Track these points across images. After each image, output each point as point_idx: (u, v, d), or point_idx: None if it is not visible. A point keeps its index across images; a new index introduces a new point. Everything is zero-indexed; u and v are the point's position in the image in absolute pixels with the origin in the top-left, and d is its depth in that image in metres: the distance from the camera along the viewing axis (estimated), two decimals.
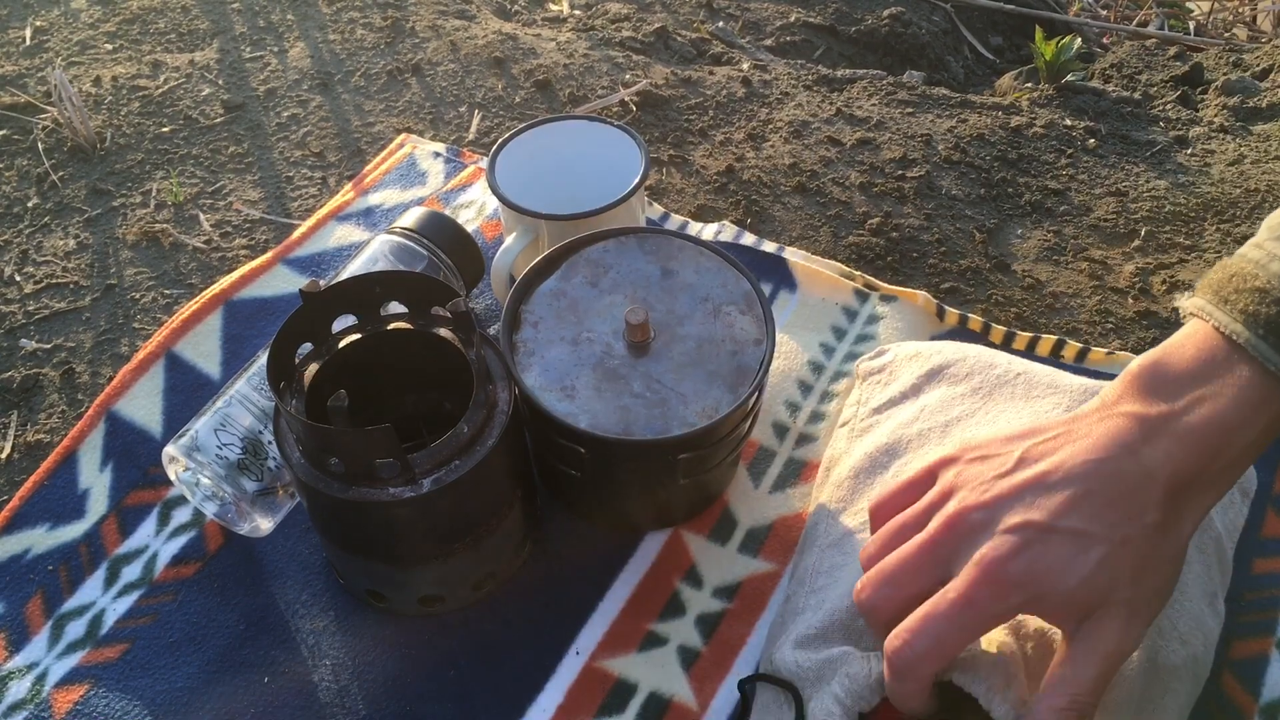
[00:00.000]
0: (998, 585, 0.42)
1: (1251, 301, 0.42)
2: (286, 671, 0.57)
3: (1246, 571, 0.58)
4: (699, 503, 0.62)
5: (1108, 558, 0.41)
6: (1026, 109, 0.97)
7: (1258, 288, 0.42)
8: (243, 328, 0.72)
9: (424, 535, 0.53)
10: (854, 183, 0.87)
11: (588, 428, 0.53)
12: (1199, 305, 0.44)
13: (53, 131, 0.92)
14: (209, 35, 1.04)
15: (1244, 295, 0.42)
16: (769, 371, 0.56)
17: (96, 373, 0.73)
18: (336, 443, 0.49)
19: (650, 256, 0.60)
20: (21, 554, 0.62)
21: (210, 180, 0.88)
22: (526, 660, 0.57)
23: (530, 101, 0.95)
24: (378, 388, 0.56)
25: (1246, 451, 0.42)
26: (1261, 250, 0.43)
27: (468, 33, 1.03)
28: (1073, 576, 0.41)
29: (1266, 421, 0.42)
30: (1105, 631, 0.42)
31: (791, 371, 0.69)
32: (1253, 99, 0.98)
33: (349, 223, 0.80)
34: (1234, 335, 0.42)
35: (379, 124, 0.93)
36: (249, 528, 0.61)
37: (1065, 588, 0.41)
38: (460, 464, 0.50)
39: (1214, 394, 0.42)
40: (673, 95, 0.95)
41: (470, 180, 0.83)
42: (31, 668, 0.57)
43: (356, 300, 0.54)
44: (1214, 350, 0.43)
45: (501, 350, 0.55)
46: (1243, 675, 0.55)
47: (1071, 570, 0.41)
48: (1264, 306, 0.41)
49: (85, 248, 0.82)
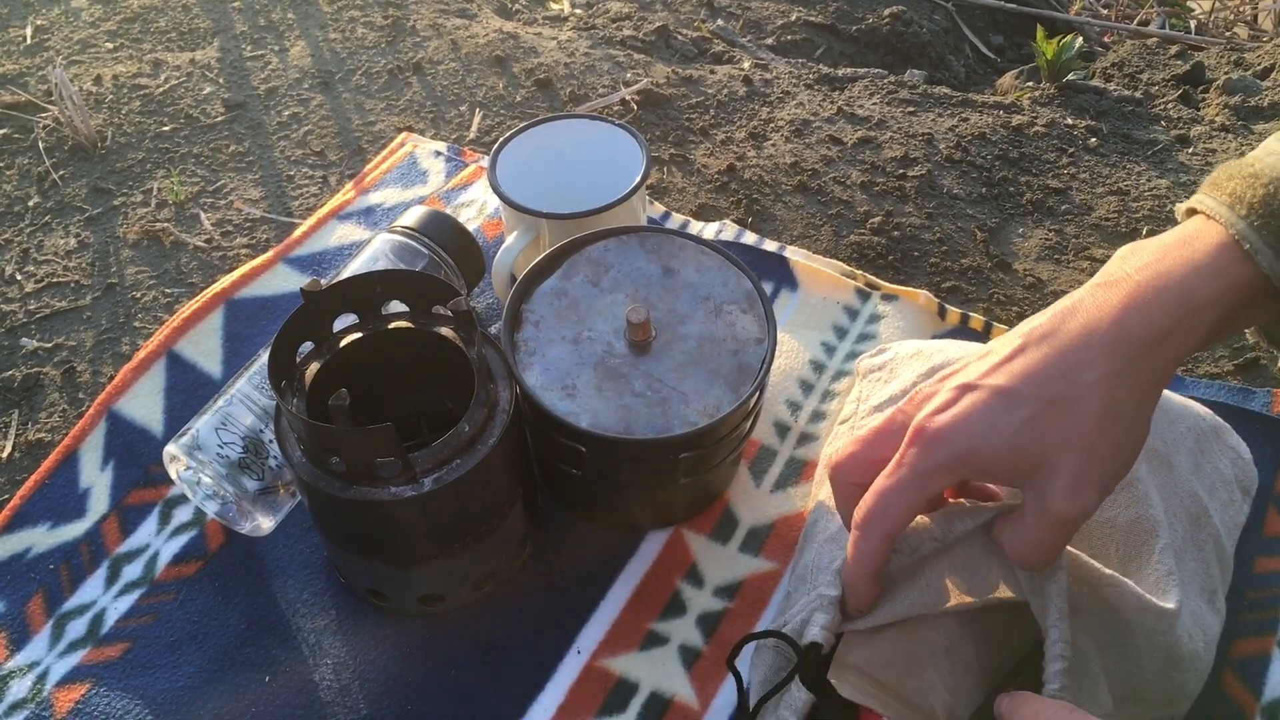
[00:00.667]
0: (924, 442, 0.42)
1: (1241, 186, 0.43)
2: (288, 670, 0.57)
3: (1248, 570, 0.58)
4: (700, 502, 0.62)
5: (1036, 418, 0.40)
6: (1028, 108, 0.97)
7: (1250, 174, 0.43)
8: (244, 327, 0.72)
9: (425, 534, 0.53)
10: (855, 182, 0.87)
11: (589, 427, 0.53)
12: (1198, 199, 0.45)
13: (53, 130, 0.92)
14: (210, 34, 1.04)
15: (1235, 180, 0.43)
16: (770, 370, 0.56)
17: (97, 371, 0.73)
18: (338, 442, 0.49)
19: (651, 255, 0.60)
20: (22, 553, 0.62)
21: (211, 179, 0.88)
22: (527, 659, 0.57)
23: (531, 100, 0.95)
24: (379, 387, 0.56)
25: (1205, 311, 0.41)
26: (1264, 148, 0.44)
27: (469, 31, 1.03)
28: (997, 436, 0.41)
29: (1226, 285, 0.41)
30: (1048, 494, 0.41)
31: (793, 370, 0.69)
32: (1254, 98, 0.98)
33: (350, 222, 0.80)
34: (1215, 215, 0.42)
35: (380, 123, 0.93)
36: (250, 527, 0.61)
37: (991, 446, 0.41)
38: (461, 463, 0.50)
39: (1176, 258, 0.42)
40: (674, 94, 0.95)
41: (471, 179, 0.83)
42: (32, 667, 0.57)
43: (357, 299, 0.54)
44: (1196, 229, 0.43)
45: (503, 349, 0.55)
46: (1244, 674, 0.55)
47: (996, 429, 0.41)
48: (1251, 189, 0.42)
49: (86, 246, 0.82)
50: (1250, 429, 0.64)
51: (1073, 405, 0.40)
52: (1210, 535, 0.55)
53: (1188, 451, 0.56)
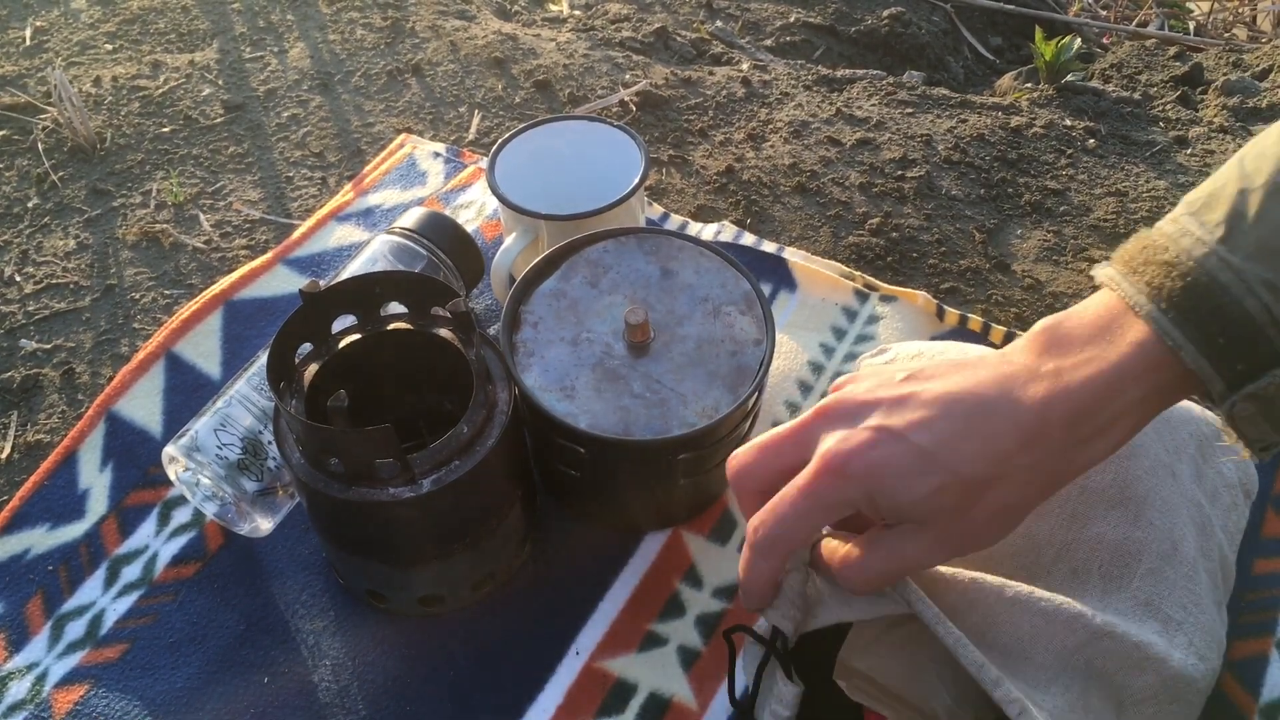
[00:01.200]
0: (837, 476, 0.42)
1: (1158, 275, 0.42)
2: (286, 672, 0.57)
3: (1247, 572, 0.58)
4: (699, 503, 0.62)
5: (945, 488, 0.41)
6: (1026, 109, 0.97)
7: (1166, 261, 0.42)
8: (243, 328, 0.72)
9: (424, 535, 0.53)
10: (854, 183, 0.87)
11: (587, 428, 0.53)
12: (1109, 275, 0.44)
13: (53, 132, 0.92)
14: (209, 35, 1.04)
15: (1152, 267, 0.42)
16: (769, 372, 0.56)
17: (96, 373, 0.73)
18: (336, 443, 0.49)
19: (650, 257, 0.60)
20: (21, 554, 0.62)
21: (210, 180, 0.88)
22: (526, 660, 0.57)
23: (530, 102, 0.95)
24: (378, 388, 0.56)
25: (1128, 412, 0.42)
26: (1176, 225, 0.43)
27: (468, 33, 1.03)
28: (906, 494, 0.41)
29: (1150, 388, 0.42)
30: (911, 544, 0.42)
31: (791, 372, 0.69)
32: (1252, 99, 0.98)
33: (349, 223, 0.80)
34: (1136, 307, 0.42)
35: (379, 124, 0.93)
36: (249, 528, 0.61)
37: (897, 500, 0.42)
38: (460, 464, 0.50)
39: (1102, 355, 0.42)
40: (672, 95, 0.95)
41: (470, 180, 0.83)
42: (31, 668, 0.57)
43: (356, 300, 0.54)
44: (1115, 316, 0.43)
45: (501, 350, 0.55)
46: (1243, 675, 0.55)
47: (907, 487, 0.41)
48: (1169, 280, 0.41)
49: (85, 248, 0.82)
50: None
51: (982, 491, 0.41)
52: (1215, 544, 0.55)
53: (1189, 459, 0.56)
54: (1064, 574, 0.50)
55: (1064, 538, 0.51)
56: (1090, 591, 0.49)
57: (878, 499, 0.42)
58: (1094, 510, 0.51)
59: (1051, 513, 0.52)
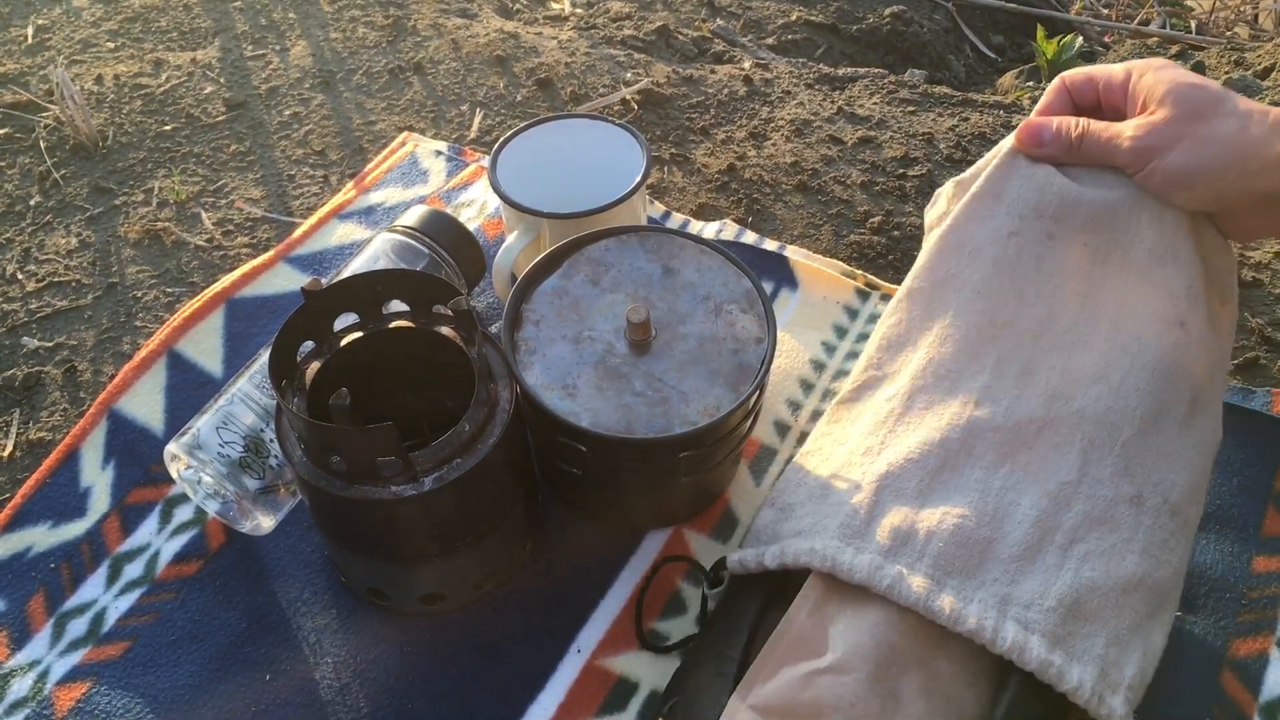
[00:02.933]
0: (1159, 175, 0.52)
1: None
2: (288, 670, 0.57)
3: (1247, 570, 0.58)
4: (700, 501, 0.62)
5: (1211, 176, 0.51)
6: (1028, 108, 0.97)
7: None
8: (245, 326, 0.72)
9: (425, 533, 0.53)
10: (855, 181, 0.87)
11: (589, 426, 0.53)
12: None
13: (55, 130, 0.92)
14: (211, 33, 1.04)
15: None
16: (770, 370, 0.56)
17: (98, 371, 0.74)
18: (338, 441, 0.49)
19: (651, 255, 0.60)
20: (23, 552, 0.62)
21: (212, 178, 0.88)
22: (527, 659, 0.57)
23: (532, 100, 0.95)
24: (379, 386, 0.56)
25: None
26: None
27: (469, 31, 1.03)
28: (1186, 189, 0.51)
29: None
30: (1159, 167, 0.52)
31: (793, 370, 0.69)
32: (1254, 97, 0.98)
33: (350, 221, 0.80)
34: None
35: (380, 122, 0.93)
36: (251, 526, 0.61)
37: (1181, 187, 0.52)
38: (462, 462, 0.50)
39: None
40: (674, 94, 0.95)
41: (472, 179, 0.83)
42: (33, 665, 0.57)
43: (358, 299, 0.55)
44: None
45: (503, 348, 0.55)
46: (1243, 674, 0.55)
47: (1191, 179, 0.51)
48: None
49: (87, 246, 0.82)
50: (1250, 429, 0.64)
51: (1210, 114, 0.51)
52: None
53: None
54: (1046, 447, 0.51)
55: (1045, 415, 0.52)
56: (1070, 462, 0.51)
57: (1168, 183, 0.53)
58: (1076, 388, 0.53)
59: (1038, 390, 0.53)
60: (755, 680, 0.48)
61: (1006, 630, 0.46)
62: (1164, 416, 0.51)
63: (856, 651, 0.47)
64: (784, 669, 0.48)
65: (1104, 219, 0.54)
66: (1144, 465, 0.51)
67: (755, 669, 0.49)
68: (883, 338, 0.59)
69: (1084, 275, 0.54)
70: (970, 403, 0.53)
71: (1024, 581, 0.48)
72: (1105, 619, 0.48)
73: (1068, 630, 0.47)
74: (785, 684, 0.47)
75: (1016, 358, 0.54)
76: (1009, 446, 0.52)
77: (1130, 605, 0.48)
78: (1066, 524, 0.49)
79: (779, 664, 0.48)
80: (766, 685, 0.48)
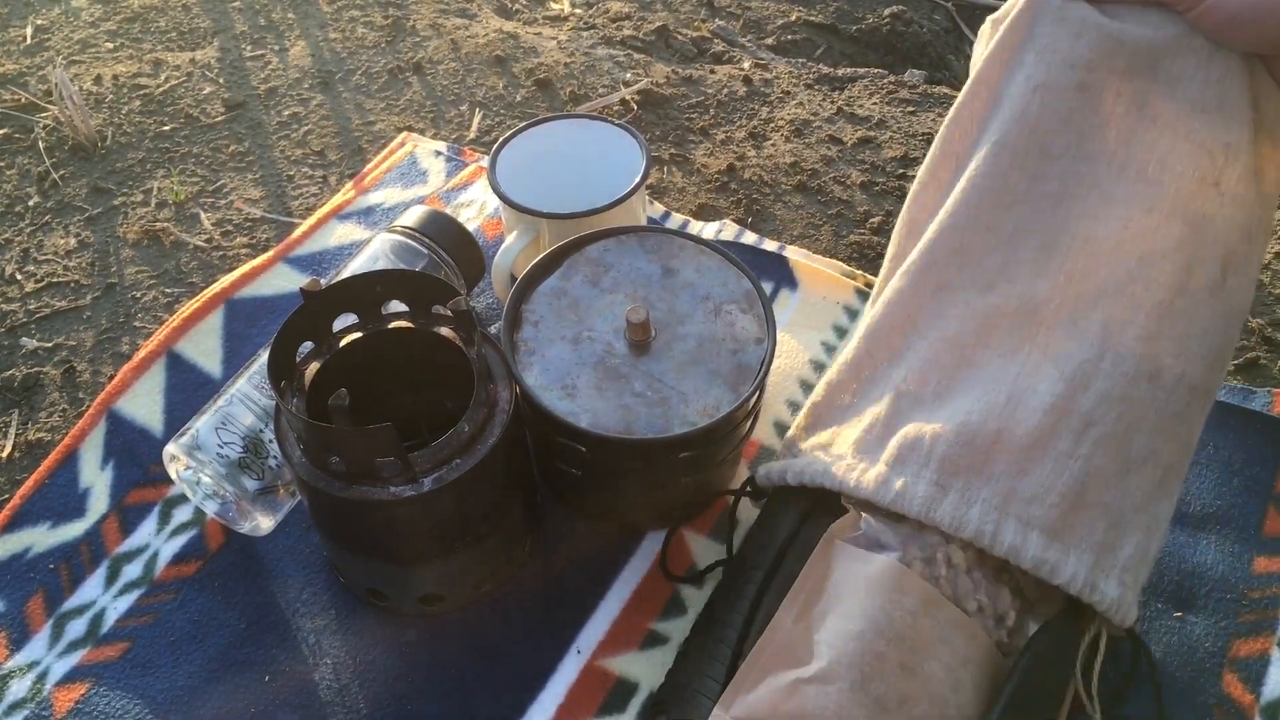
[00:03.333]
0: (1215, 13, 0.47)
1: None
2: (287, 670, 0.57)
3: (1248, 570, 0.58)
4: (700, 502, 0.62)
5: None
6: None
7: None
8: (244, 326, 0.72)
9: (425, 534, 0.53)
10: (855, 182, 0.87)
11: (588, 427, 0.53)
12: None
13: (54, 130, 0.92)
14: (210, 34, 1.04)
15: None
16: (770, 370, 0.56)
17: (97, 371, 0.73)
18: (337, 441, 0.49)
19: (651, 255, 0.60)
20: (22, 552, 0.62)
21: (211, 179, 0.88)
22: (527, 659, 0.57)
23: (531, 100, 0.95)
24: (379, 386, 0.56)
25: None
26: None
27: (468, 31, 1.03)
28: (1243, 29, 0.47)
29: None
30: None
31: (793, 370, 0.69)
32: None
33: (350, 221, 0.80)
34: None
35: (380, 122, 0.93)
36: (250, 526, 0.61)
37: (1239, 26, 0.47)
38: (461, 463, 0.50)
39: None
40: (674, 94, 0.95)
41: (471, 179, 0.83)
42: (32, 666, 0.57)
43: (357, 299, 0.54)
44: None
45: (502, 349, 0.55)
46: (1244, 675, 0.55)
47: (1251, 16, 0.47)
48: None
49: (86, 246, 0.82)
50: (1250, 429, 0.64)
51: None
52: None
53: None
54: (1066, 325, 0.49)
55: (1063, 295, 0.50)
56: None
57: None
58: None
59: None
60: (739, 690, 0.48)
61: (1006, 531, 0.46)
62: (1191, 283, 0.49)
63: (842, 660, 0.46)
64: (768, 678, 0.47)
65: (1143, 64, 0.50)
66: (1168, 335, 0.48)
67: (739, 678, 0.48)
68: (908, 210, 0.57)
69: (1115, 131, 0.50)
70: (987, 286, 0.51)
71: (1032, 472, 0.47)
72: (1108, 503, 0.47)
73: (1068, 521, 0.46)
74: (769, 693, 0.46)
75: (1035, 229, 0.51)
76: (1027, 330, 0.49)
77: (1135, 485, 0.47)
78: (1083, 407, 0.47)
79: (763, 673, 0.47)
80: (750, 695, 0.47)
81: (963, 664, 0.47)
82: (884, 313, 0.54)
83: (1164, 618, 0.57)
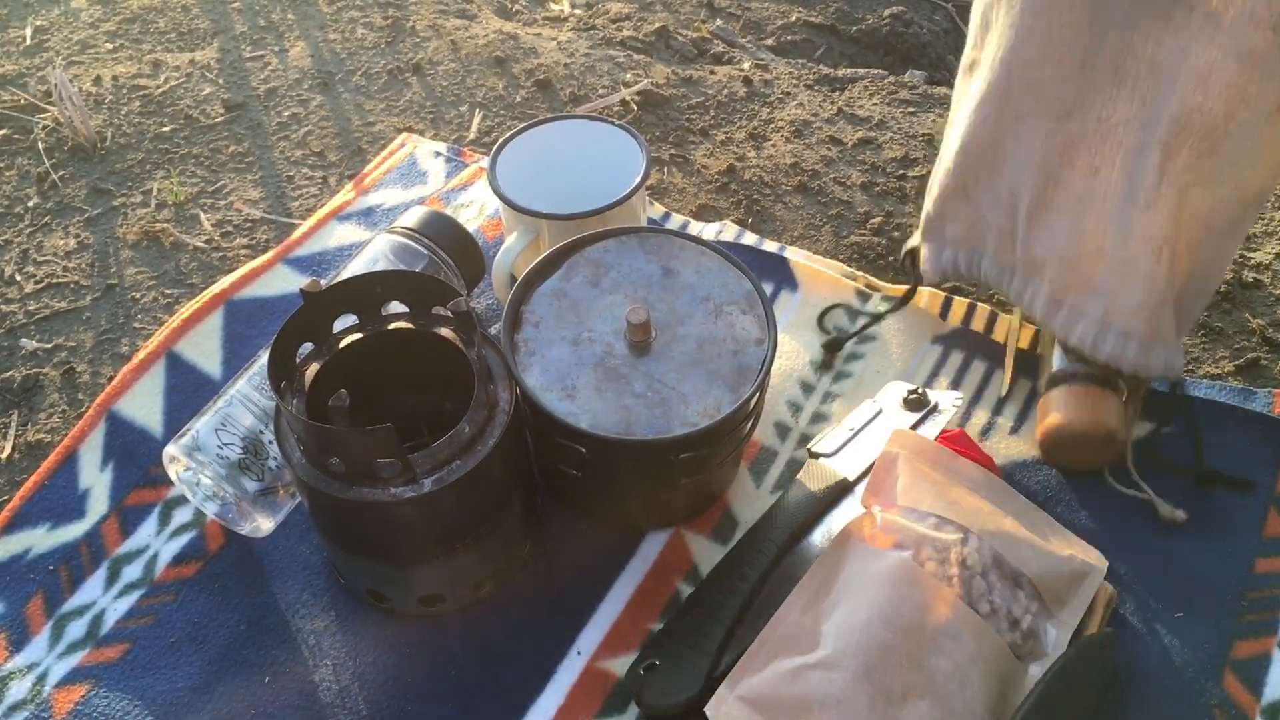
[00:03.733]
0: None
1: None
2: (287, 671, 0.57)
3: (1249, 571, 0.58)
4: (700, 503, 0.62)
5: None
6: None
7: None
8: (243, 327, 0.72)
9: (425, 535, 0.53)
10: (855, 182, 0.87)
11: (588, 427, 0.53)
12: None
13: (53, 131, 0.92)
14: (209, 34, 1.04)
15: None
16: (770, 371, 0.56)
17: (97, 372, 0.73)
18: (337, 442, 0.49)
19: (651, 256, 0.60)
20: (22, 554, 0.62)
21: (211, 180, 0.88)
22: (527, 660, 0.57)
23: (531, 101, 0.95)
24: (379, 387, 0.56)
25: None
26: None
27: (468, 32, 1.03)
28: None
29: None
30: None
31: (793, 371, 0.69)
32: None
33: (350, 222, 0.80)
34: None
35: (380, 123, 0.93)
36: (250, 528, 0.61)
37: None
38: (461, 464, 0.50)
39: None
40: (674, 95, 0.95)
41: (471, 180, 0.83)
42: (32, 668, 0.57)
43: (357, 300, 0.54)
44: None
45: (502, 350, 0.55)
46: (1245, 675, 0.55)
47: None
48: None
49: (86, 247, 0.82)
50: (1251, 429, 0.64)
51: None
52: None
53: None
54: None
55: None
56: None
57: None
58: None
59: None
60: (745, 671, 0.49)
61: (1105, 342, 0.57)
62: (1247, 112, 0.52)
63: (847, 648, 0.47)
64: (774, 662, 0.48)
65: None
66: (1226, 158, 0.53)
67: (746, 660, 0.49)
68: (981, 15, 0.60)
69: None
70: (1065, 115, 0.55)
71: (1125, 291, 0.56)
72: (1187, 309, 0.59)
73: (1155, 329, 0.57)
74: (774, 676, 0.48)
75: (1105, 53, 0.54)
76: (1103, 155, 0.55)
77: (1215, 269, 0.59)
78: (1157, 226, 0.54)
79: (770, 657, 0.49)
80: (755, 677, 0.48)
81: (971, 661, 0.48)
82: (969, 137, 0.60)
83: (1164, 618, 0.57)
